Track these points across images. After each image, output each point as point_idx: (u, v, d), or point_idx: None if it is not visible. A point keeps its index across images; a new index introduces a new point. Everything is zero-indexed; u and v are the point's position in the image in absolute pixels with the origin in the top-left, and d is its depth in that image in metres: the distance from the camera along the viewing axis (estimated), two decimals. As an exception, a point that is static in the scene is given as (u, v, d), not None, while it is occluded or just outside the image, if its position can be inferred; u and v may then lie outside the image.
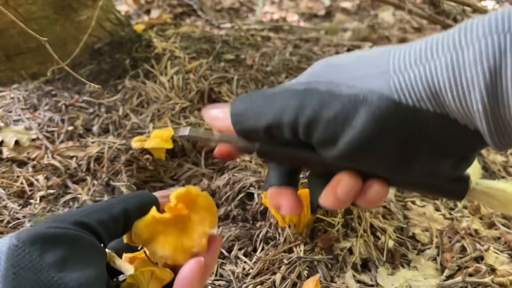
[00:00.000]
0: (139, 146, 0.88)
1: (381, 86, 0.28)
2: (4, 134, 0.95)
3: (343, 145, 0.29)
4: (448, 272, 0.72)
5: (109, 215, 0.33)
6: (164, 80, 1.12)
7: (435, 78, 0.26)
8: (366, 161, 0.30)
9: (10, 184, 0.86)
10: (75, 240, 0.29)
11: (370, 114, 0.28)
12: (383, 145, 0.29)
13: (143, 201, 0.36)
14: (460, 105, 0.26)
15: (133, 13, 1.61)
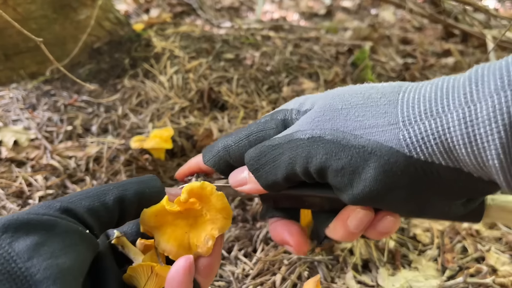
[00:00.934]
0: (139, 146, 0.88)
1: (390, 139, 0.28)
2: (3, 134, 0.94)
3: (355, 194, 0.30)
4: (449, 272, 0.71)
5: (102, 203, 0.31)
6: (163, 79, 1.12)
7: (448, 134, 0.26)
8: (377, 207, 0.31)
9: (9, 184, 0.86)
10: (51, 226, 0.27)
11: (380, 168, 0.28)
12: (395, 197, 0.29)
13: (143, 191, 0.34)
14: (475, 160, 0.26)
15: (133, 12, 1.61)
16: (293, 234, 0.37)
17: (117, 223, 0.33)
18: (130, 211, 0.33)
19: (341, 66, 1.29)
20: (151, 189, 0.35)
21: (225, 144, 0.37)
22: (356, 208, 0.33)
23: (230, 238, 0.73)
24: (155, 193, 0.35)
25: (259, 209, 0.77)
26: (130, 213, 0.34)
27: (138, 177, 0.36)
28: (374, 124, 0.29)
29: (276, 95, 1.15)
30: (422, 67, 1.40)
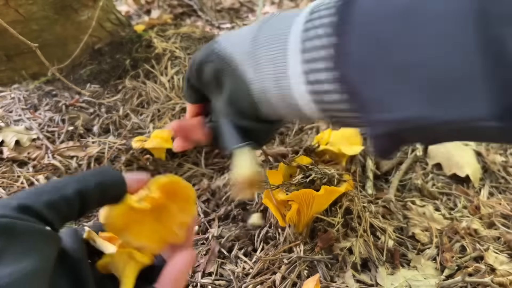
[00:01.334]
0: (140, 146, 0.88)
1: None
2: (4, 134, 0.95)
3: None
4: (448, 271, 0.72)
5: (61, 196, 0.30)
6: (164, 80, 1.12)
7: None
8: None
9: (11, 184, 0.86)
10: (10, 229, 0.26)
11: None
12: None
13: (103, 181, 0.33)
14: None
15: (134, 13, 1.62)
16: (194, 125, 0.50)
17: (78, 215, 0.32)
18: (91, 201, 0.32)
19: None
20: (109, 179, 0.33)
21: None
22: None
23: (230, 238, 0.73)
24: (116, 182, 0.34)
25: (259, 208, 0.77)
26: (91, 204, 0.32)
27: (95, 169, 0.36)
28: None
29: (276, 95, 1.15)
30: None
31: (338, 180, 0.68)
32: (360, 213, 0.75)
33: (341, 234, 0.72)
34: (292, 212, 0.65)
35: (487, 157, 1.00)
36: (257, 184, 0.42)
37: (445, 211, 0.85)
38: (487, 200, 0.90)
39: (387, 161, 0.96)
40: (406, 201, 0.87)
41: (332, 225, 0.72)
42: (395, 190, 0.88)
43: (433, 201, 0.88)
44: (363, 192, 0.86)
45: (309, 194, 0.63)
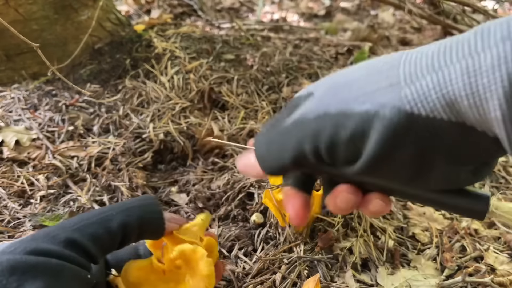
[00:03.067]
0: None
1: (392, 98, 0.27)
2: (4, 134, 0.95)
3: (362, 162, 0.29)
4: (448, 271, 0.72)
5: (106, 229, 0.32)
6: (164, 80, 1.12)
7: (450, 87, 0.25)
8: (383, 174, 0.30)
9: (11, 184, 0.86)
10: (58, 272, 0.28)
11: (383, 128, 0.27)
12: (399, 158, 0.28)
13: (145, 216, 0.35)
14: (477, 112, 0.25)
15: (134, 13, 1.61)
16: (295, 206, 0.37)
17: (118, 247, 0.34)
18: (131, 235, 0.34)
19: (340, 66, 1.29)
20: (152, 214, 0.35)
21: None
22: (343, 191, 0.33)
23: (230, 238, 0.73)
24: (156, 219, 0.36)
25: (259, 208, 0.77)
26: (131, 238, 0.34)
27: (139, 199, 0.36)
28: (376, 88, 0.28)
29: (276, 95, 1.16)
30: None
31: (338, 180, 0.68)
32: (360, 213, 0.75)
33: (341, 234, 0.72)
34: (292, 212, 0.65)
35: (487, 157, 1.00)
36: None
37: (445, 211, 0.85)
38: (487, 200, 0.90)
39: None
40: (406, 201, 0.87)
41: (332, 225, 0.72)
42: (395, 190, 0.88)
43: (433, 201, 0.88)
44: (363, 192, 0.86)
45: (309, 194, 0.63)
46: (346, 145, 0.29)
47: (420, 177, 0.29)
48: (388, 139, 0.27)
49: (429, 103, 0.26)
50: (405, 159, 0.28)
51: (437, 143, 0.27)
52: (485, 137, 0.27)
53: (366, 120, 0.28)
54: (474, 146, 0.28)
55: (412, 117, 0.26)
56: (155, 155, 0.96)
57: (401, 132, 0.27)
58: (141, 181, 0.89)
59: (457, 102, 0.25)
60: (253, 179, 0.81)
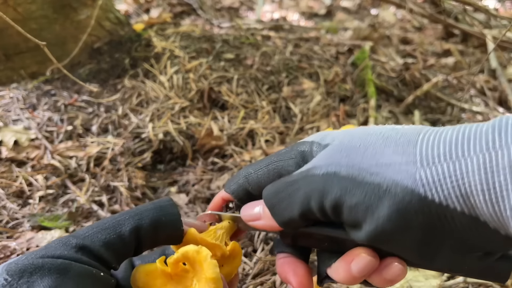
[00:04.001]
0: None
1: (406, 178, 0.27)
2: (3, 133, 0.94)
3: (367, 232, 0.29)
4: (449, 272, 0.71)
5: (118, 235, 0.32)
6: (163, 79, 1.12)
7: (466, 179, 0.25)
8: (389, 247, 0.30)
9: (9, 184, 0.86)
10: (64, 270, 0.28)
11: (394, 206, 0.27)
12: (407, 238, 0.28)
13: (159, 218, 0.33)
14: (492, 209, 0.25)
15: (133, 12, 1.61)
16: (297, 274, 0.35)
17: (134, 253, 0.33)
18: (146, 240, 0.33)
19: (341, 66, 1.29)
20: (167, 216, 0.34)
21: (245, 172, 0.37)
22: (361, 253, 0.31)
23: (230, 238, 0.73)
24: (171, 221, 0.34)
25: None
26: (146, 243, 0.33)
27: (154, 202, 0.34)
28: (391, 162, 0.28)
29: (276, 95, 1.15)
30: (422, 66, 1.40)
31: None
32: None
33: (341, 234, 0.72)
34: (292, 213, 0.65)
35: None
36: None
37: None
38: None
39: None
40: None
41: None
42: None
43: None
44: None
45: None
46: (349, 211, 0.29)
47: (424, 257, 0.29)
48: (397, 218, 0.27)
49: (443, 190, 0.26)
50: (411, 241, 0.28)
51: (447, 231, 0.27)
52: (496, 234, 0.26)
53: (376, 194, 0.27)
54: (484, 240, 0.28)
55: (425, 201, 0.26)
56: (155, 155, 0.96)
57: (411, 214, 0.27)
58: (141, 181, 0.88)
59: (473, 196, 0.25)
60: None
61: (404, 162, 0.27)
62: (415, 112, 1.14)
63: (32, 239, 0.76)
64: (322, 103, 1.11)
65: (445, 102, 1.22)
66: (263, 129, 1.01)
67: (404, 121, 1.11)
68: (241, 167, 0.88)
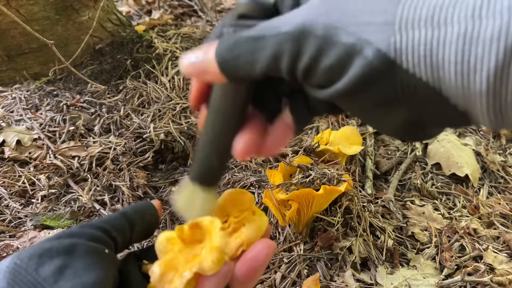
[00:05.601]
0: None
1: (380, 40, 0.26)
2: (6, 134, 0.95)
3: (332, 92, 0.28)
4: (447, 271, 0.72)
5: (108, 216, 0.35)
6: (165, 80, 1.13)
7: (441, 48, 0.24)
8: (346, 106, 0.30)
9: (12, 183, 0.87)
10: (71, 249, 0.30)
11: (361, 68, 0.26)
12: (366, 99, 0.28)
13: (138, 205, 0.38)
14: (461, 83, 0.24)
15: (134, 13, 1.62)
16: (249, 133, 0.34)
17: (129, 236, 0.36)
18: (135, 221, 0.36)
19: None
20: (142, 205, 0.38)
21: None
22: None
23: (230, 237, 0.74)
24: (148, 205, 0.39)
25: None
26: (136, 223, 0.36)
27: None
28: (370, 22, 0.27)
29: (276, 95, 1.16)
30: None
31: (337, 180, 0.69)
32: (359, 212, 0.76)
33: (340, 233, 0.72)
34: (292, 212, 0.65)
35: (486, 157, 1.01)
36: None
37: (444, 211, 0.86)
38: (486, 200, 0.90)
39: (386, 161, 0.96)
40: (405, 200, 0.87)
41: (332, 225, 0.73)
42: (394, 189, 0.89)
43: (432, 201, 0.88)
44: (363, 192, 0.86)
45: (309, 194, 0.64)
46: (323, 73, 0.28)
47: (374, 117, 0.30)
48: (363, 80, 0.26)
49: (414, 58, 0.25)
50: (369, 102, 0.28)
51: (404, 100, 0.27)
52: (454, 110, 0.26)
53: (349, 54, 0.26)
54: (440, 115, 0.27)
55: (393, 66, 0.26)
56: (156, 155, 0.96)
57: (376, 77, 0.26)
58: (142, 181, 0.89)
59: (443, 67, 0.24)
60: (252, 179, 0.82)
61: (382, 22, 0.26)
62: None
63: (34, 238, 0.77)
64: (322, 103, 1.12)
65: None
66: (263, 129, 1.02)
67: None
68: (241, 167, 0.89)
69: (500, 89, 0.23)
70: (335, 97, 0.28)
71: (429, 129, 0.30)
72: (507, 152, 1.06)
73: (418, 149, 1.01)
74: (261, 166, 0.88)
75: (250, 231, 0.36)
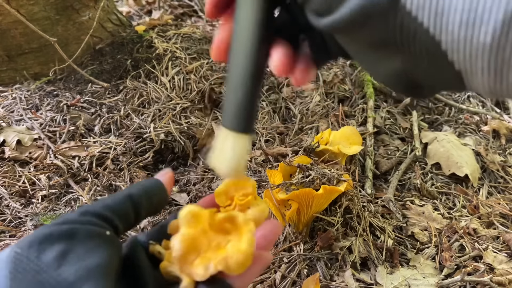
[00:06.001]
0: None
1: None
2: (6, 134, 0.95)
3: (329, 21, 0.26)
4: (447, 271, 0.72)
5: (113, 201, 0.33)
6: (165, 80, 1.13)
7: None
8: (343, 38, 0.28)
9: (12, 183, 0.87)
10: (72, 234, 0.29)
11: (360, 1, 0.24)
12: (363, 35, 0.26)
13: (145, 184, 0.36)
14: (464, 33, 0.22)
15: (134, 14, 1.62)
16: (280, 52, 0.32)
17: (135, 219, 0.34)
18: (141, 203, 0.34)
19: (340, 67, 1.30)
20: (149, 183, 0.36)
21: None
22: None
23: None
24: (157, 183, 0.36)
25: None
26: (141, 205, 0.34)
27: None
28: None
29: (276, 95, 1.16)
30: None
31: (337, 179, 0.69)
32: (359, 212, 0.76)
33: (340, 233, 0.73)
34: (292, 212, 0.66)
35: (486, 157, 1.01)
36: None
37: (444, 211, 0.86)
38: (486, 200, 0.90)
39: (386, 161, 0.96)
40: (405, 200, 0.87)
41: (331, 225, 0.73)
42: (394, 189, 0.89)
43: (432, 201, 0.88)
44: (363, 192, 0.86)
45: (309, 194, 0.64)
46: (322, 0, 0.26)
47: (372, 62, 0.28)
48: (360, 12, 0.24)
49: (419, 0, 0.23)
50: (365, 40, 0.26)
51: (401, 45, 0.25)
52: (449, 69, 0.24)
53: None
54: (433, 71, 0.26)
55: (395, 3, 0.24)
56: (156, 155, 0.97)
57: (375, 12, 0.24)
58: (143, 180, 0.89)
59: (448, 14, 0.23)
60: (252, 179, 0.82)
61: None
62: (413, 112, 1.15)
63: (35, 238, 0.77)
64: (321, 103, 1.12)
65: (443, 102, 1.23)
66: (262, 129, 1.02)
67: (402, 121, 1.12)
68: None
69: (504, 45, 0.22)
70: (333, 28, 0.26)
71: (422, 88, 0.28)
72: (506, 152, 1.06)
73: (418, 149, 1.01)
74: (261, 166, 0.88)
75: (255, 213, 0.36)
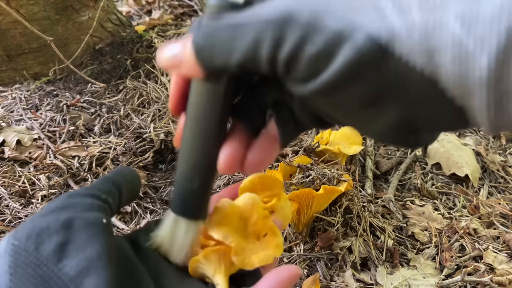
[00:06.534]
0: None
1: (371, 25, 0.23)
2: (6, 134, 0.95)
3: (316, 85, 0.25)
4: (447, 271, 0.72)
5: (93, 185, 0.33)
6: (165, 80, 1.13)
7: (437, 32, 0.21)
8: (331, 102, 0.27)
9: (12, 183, 0.87)
10: (69, 224, 0.28)
11: (351, 55, 0.23)
12: (355, 92, 0.25)
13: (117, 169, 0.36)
14: (459, 70, 0.21)
15: (134, 13, 1.62)
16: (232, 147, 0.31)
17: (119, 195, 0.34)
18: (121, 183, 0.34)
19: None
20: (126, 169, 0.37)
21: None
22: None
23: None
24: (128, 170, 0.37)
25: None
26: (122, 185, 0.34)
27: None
28: (360, 6, 0.24)
29: (276, 95, 1.16)
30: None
31: (337, 179, 0.69)
32: (359, 212, 0.76)
33: (340, 233, 0.72)
34: (292, 212, 0.65)
35: (486, 157, 1.01)
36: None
37: (444, 211, 0.86)
38: (486, 200, 0.90)
39: (386, 161, 0.96)
40: (405, 200, 0.87)
41: (332, 225, 0.73)
42: (394, 189, 0.89)
43: (432, 201, 0.88)
44: (363, 192, 0.86)
45: (309, 194, 0.64)
46: (309, 62, 0.25)
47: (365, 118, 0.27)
48: (352, 68, 0.23)
49: (408, 43, 0.22)
50: (357, 97, 0.25)
51: (396, 94, 0.24)
52: (449, 105, 0.23)
53: (336, 40, 0.24)
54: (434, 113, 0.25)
55: (384, 53, 0.23)
56: (156, 155, 0.97)
57: (365, 65, 0.23)
58: (142, 180, 0.89)
59: (439, 53, 0.22)
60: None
61: (372, 6, 0.23)
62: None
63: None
64: (322, 103, 1.12)
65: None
66: (263, 129, 1.02)
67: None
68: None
69: (501, 76, 0.21)
70: (320, 92, 0.25)
71: (422, 133, 0.27)
72: (507, 152, 1.06)
73: (418, 149, 1.01)
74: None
75: (279, 218, 0.35)
